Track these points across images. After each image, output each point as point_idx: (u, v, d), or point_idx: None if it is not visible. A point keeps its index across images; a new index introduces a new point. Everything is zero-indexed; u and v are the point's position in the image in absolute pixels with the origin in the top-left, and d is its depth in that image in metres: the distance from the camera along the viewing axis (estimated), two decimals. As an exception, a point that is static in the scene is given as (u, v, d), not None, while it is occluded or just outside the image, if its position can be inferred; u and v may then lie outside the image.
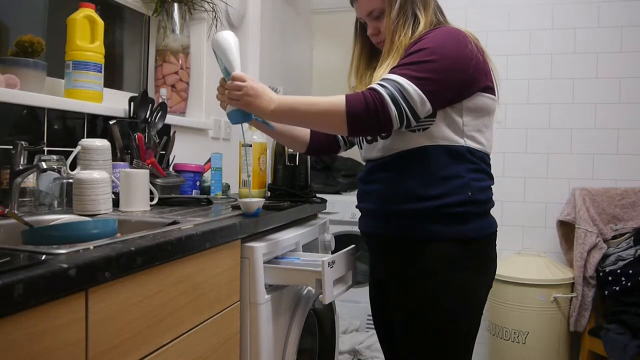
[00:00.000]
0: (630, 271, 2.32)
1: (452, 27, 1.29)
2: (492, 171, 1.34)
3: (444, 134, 1.24)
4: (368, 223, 1.38)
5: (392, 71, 1.20)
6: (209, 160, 2.03)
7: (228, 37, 1.25)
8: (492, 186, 1.33)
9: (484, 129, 1.29)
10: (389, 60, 1.27)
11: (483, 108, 1.27)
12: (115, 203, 1.42)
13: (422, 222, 1.25)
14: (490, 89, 1.28)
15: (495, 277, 2.64)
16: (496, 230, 1.33)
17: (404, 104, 1.15)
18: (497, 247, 1.35)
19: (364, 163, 1.42)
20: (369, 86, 1.19)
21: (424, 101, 1.16)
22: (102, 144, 1.46)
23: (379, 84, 1.18)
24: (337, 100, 1.17)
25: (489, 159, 1.33)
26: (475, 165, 1.27)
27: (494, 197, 1.34)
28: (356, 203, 1.43)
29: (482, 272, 1.31)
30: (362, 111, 1.15)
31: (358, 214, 1.43)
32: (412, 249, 1.28)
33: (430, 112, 1.20)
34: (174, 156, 1.97)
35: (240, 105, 1.21)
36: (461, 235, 1.24)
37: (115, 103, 1.79)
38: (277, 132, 1.47)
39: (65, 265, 0.74)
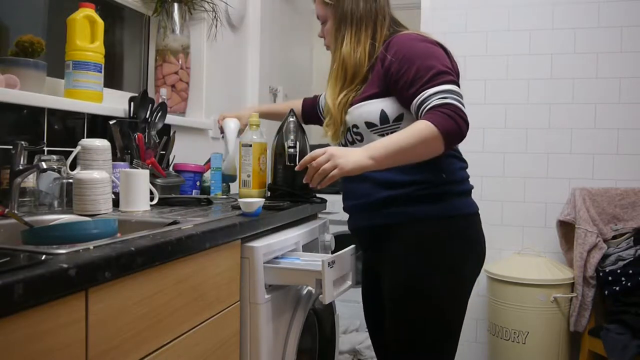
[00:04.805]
0: (630, 271, 2.32)
1: (400, 35, 1.36)
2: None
3: None
4: (355, 218, 1.45)
5: (427, 87, 1.26)
6: (209, 160, 2.03)
7: None
8: (465, 168, 1.42)
9: None
10: (334, 84, 1.41)
11: None
12: (115, 203, 1.42)
13: (404, 205, 1.33)
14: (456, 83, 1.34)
15: (495, 277, 2.62)
16: (478, 213, 1.40)
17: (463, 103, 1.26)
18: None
19: None
20: (439, 102, 1.23)
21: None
22: (102, 144, 1.46)
23: (444, 96, 1.23)
24: (427, 129, 1.21)
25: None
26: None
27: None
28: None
29: (467, 252, 1.36)
30: (455, 128, 1.22)
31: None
32: (397, 232, 1.35)
33: None
34: (174, 156, 1.97)
35: (339, 172, 1.26)
36: (442, 213, 1.32)
37: (115, 103, 1.79)
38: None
39: (65, 265, 0.74)
